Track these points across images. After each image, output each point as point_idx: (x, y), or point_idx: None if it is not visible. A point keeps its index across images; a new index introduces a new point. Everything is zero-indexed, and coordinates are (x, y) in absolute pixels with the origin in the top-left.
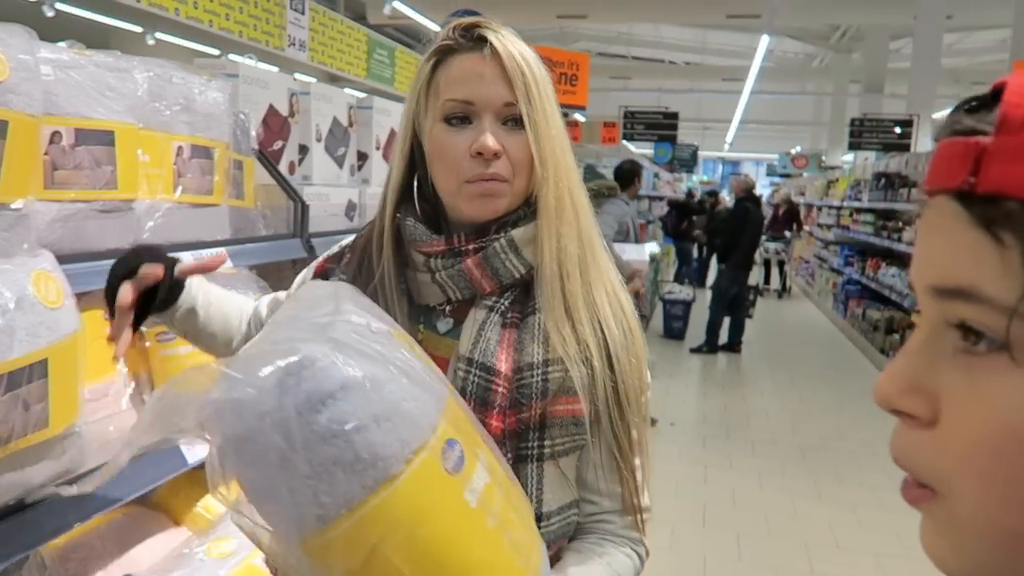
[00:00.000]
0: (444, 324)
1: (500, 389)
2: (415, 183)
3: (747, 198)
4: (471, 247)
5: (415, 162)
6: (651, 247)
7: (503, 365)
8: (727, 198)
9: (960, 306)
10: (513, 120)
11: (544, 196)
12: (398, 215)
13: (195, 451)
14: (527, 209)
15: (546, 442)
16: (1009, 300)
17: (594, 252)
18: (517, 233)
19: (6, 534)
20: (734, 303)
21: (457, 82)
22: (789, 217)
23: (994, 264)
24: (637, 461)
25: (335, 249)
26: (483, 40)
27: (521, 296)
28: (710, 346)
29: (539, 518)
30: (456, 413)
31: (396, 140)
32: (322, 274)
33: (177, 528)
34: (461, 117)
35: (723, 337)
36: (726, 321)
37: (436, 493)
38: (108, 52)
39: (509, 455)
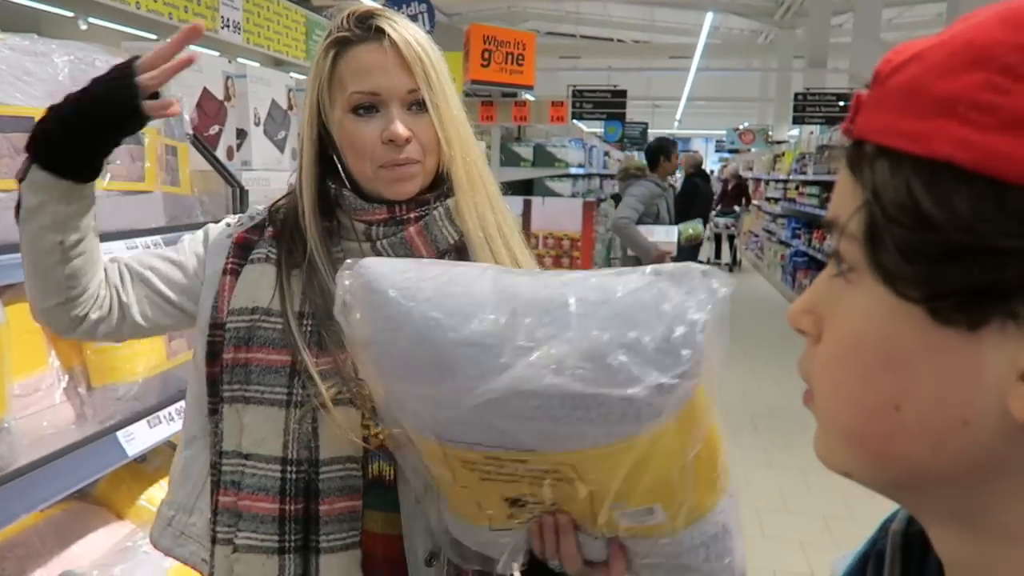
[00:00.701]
0: None
1: None
2: (335, 162)
3: (696, 174)
4: (412, 215)
5: (324, 147)
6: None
7: None
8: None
9: (834, 236)
10: (417, 104)
11: (456, 173)
12: (333, 187)
13: (135, 443)
14: (451, 182)
15: None
16: (843, 223)
17: (504, 215)
18: (451, 202)
19: None
20: None
21: (361, 74)
22: (738, 192)
23: (850, 197)
24: None
25: (247, 221)
26: (379, 30)
27: (458, 258)
28: None
29: None
30: None
31: (303, 129)
32: (244, 244)
33: (120, 522)
34: (368, 107)
35: None
36: None
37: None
38: (25, 36)
39: None
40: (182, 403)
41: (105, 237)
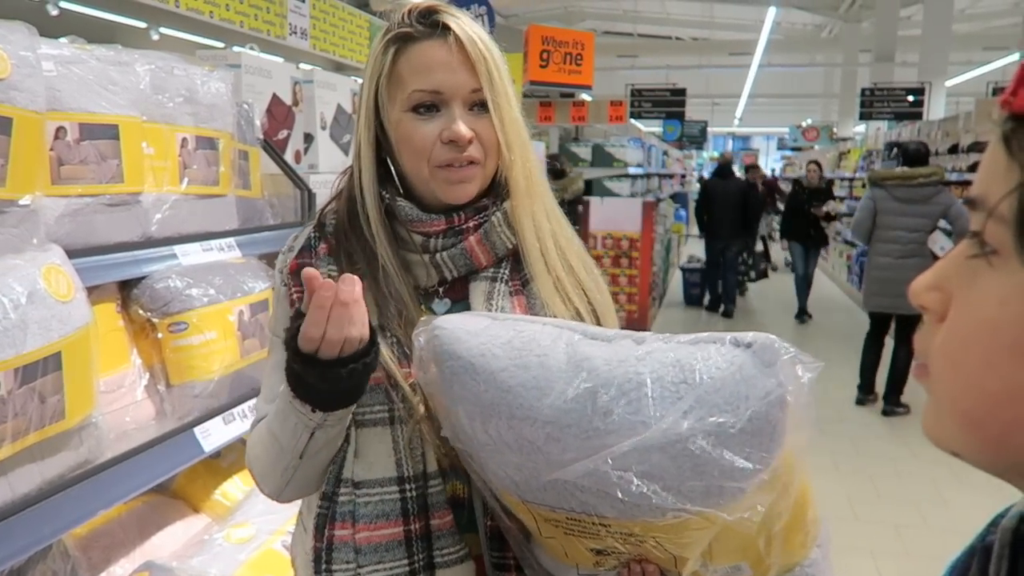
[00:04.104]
0: (441, 305)
1: None
2: (389, 167)
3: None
4: (471, 224)
5: (380, 150)
6: None
7: None
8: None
9: (975, 215)
10: (479, 104)
11: (514, 178)
12: (385, 196)
13: (211, 439)
14: (508, 187)
15: None
16: (993, 203)
17: (560, 222)
18: (507, 206)
19: (29, 524)
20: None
21: (423, 72)
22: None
23: (1000, 174)
24: None
25: (301, 242)
26: (444, 27)
27: (515, 264)
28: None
29: None
30: None
31: (359, 130)
32: (299, 271)
33: (196, 515)
34: (429, 106)
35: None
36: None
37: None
38: (109, 46)
39: None
40: (254, 401)
41: (183, 239)
